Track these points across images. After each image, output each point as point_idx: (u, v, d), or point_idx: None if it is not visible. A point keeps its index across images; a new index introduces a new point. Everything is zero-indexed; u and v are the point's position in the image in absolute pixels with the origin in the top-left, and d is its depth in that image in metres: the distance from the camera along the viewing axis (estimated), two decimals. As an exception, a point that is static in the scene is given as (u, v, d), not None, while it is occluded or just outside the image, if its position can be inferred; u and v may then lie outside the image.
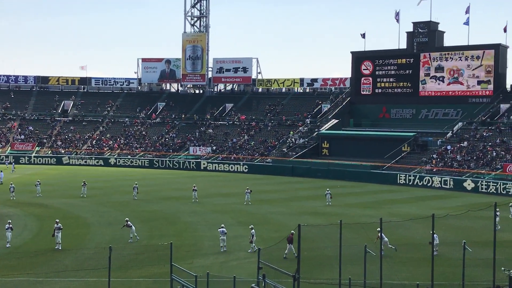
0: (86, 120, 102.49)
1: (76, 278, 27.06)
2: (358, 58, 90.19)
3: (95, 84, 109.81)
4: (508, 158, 66.62)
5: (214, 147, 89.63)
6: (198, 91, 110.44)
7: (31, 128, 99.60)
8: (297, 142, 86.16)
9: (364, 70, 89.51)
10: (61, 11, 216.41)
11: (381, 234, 27.06)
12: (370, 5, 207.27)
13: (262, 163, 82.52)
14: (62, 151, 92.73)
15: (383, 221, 25.28)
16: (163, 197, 55.95)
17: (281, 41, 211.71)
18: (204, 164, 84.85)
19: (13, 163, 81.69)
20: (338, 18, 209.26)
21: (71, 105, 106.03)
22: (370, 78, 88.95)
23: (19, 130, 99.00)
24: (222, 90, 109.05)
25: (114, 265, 24.23)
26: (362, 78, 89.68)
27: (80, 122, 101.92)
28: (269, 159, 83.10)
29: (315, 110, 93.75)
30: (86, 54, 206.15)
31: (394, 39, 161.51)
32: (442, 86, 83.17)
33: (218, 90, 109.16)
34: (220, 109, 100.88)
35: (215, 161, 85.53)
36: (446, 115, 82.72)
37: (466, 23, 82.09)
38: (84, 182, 56.09)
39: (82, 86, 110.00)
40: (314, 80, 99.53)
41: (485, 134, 73.81)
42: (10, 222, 34.97)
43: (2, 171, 66.73)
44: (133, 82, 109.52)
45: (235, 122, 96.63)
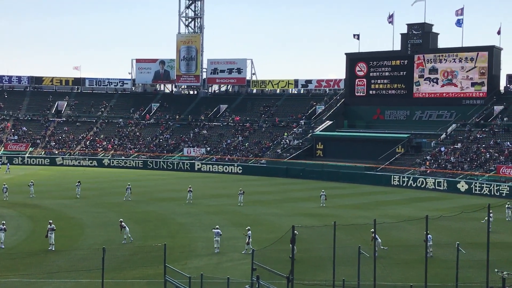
0: (80, 120, 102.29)
1: (69, 279, 26.97)
2: (353, 59, 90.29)
3: (89, 84, 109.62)
4: (501, 159, 66.81)
5: (208, 148, 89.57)
6: (192, 92, 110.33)
7: (25, 128, 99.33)
8: (291, 144, 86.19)
9: (358, 71, 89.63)
10: (55, 12, 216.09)
11: (374, 235, 27.10)
12: (365, 6, 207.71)
13: (256, 164, 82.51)
14: (56, 152, 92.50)
15: (377, 222, 25.32)
16: (157, 198, 55.86)
17: (275, 42, 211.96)
18: (198, 165, 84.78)
19: (7, 164, 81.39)
20: (333, 20, 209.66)
21: (65, 105, 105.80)
22: (364, 80, 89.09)
23: (13, 130, 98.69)
24: (216, 91, 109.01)
25: (107, 266, 24.17)
26: (356, 80, 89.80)
27: (74, 123, 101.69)
28: (263, 160, 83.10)
29: (310, 112, 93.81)
30: (80, 55, 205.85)
31: (389, 41, 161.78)
32: (436, 88, 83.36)
33: (213, 91, 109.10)
34: (214, 110, 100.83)
35: (209, 162, 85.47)
36: (440, 117, 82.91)
37: (458, 25, 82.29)
38: (78, 182, 55.99)
39: (76, 87, 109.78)
40: (309, 81, 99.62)
41: (478, 136, 74.01)
42: (4, 223, 34.83)
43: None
44: (127, 83, 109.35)
45: (230, 123, 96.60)
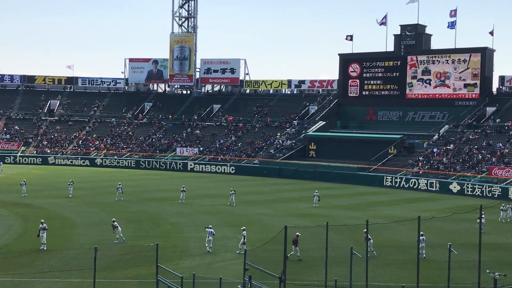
0: (73, 120, 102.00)
1: (61, 279, 26.89)
2: (346, 60, 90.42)
3: (82, 83, 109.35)
4: (493, 161, 67.03)
5: (201, 148, 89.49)
6: (185, 92, 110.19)
7: (17, 127, 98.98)
8: (284, 144, 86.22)
9: (351, 72, 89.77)
10: (48, 10, 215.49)
11: (367, 236, 27.14)
12: (358, 7, 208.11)
13: (249, 165, 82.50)
14: (48, 151, 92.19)
15: (369, 223, 25.35)
16: (149, 198, 55.75)
17: (269, 42, 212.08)
18: (191, 165, 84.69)
19: (0, 163, 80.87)
20: (326, 20, 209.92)
21: (57, 104, 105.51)
22: (358, 80, 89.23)
23: (5, 129, 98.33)
24: (209, 91, 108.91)
25: (99, 265, 24.12)
26: (350, 80, 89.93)
27: (66, 122, 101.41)
28: (256, 161, 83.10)
29: (303, 112, 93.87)
30: (73, 54, 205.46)
31: (382, 42, 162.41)
32: (429, 89, 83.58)
33: (206, 91, 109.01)
34: (207, 110, 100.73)
35: (202, 162, 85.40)
36: (432, 118, 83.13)
37: (451, 27, 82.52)
38: (71, 181, 55.82)
39: (69, 86, 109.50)
40: (302, 81, 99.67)
41: (471, 137, 74.25)
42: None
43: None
44: (120, 82, 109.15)
45: (223, 123, 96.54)
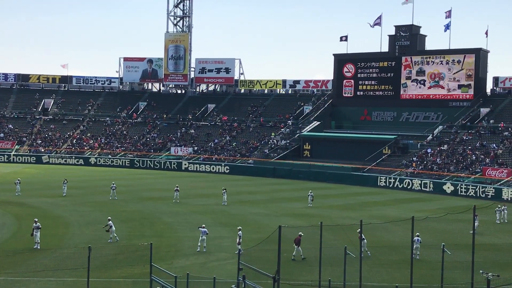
0: (67, 119, 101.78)
1: (54, 278, 26.84)
2: (341, 60, 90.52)
3: (76, 82, 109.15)
4: (487, 161, 67.23)
5: (196, 148, 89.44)
6: (180, 91, 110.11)
7: (11, 126, 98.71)
8: (278, 144, 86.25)
9: (346, 72, 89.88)
10: (42, 9, 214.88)
11: (361, 236, 27.18)
12: (353, 8, 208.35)
13: (244, 164, 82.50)
14: (42, 150, 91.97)
15: (363, 223, 25.39)
16: (144, 197, 55.68)
17: (264, 42, 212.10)
18: (185, 164, 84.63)
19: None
20: (321, 21, 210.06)
21: (52, 103, 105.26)
22: (352, 81, 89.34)
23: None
24: (204, 91, 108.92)
25: (93, 265, 24.07)
26: (344, 81, 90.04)
27: (60, 121, 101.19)
28: (250, 160, 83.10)
29: (297, 112, 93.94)
30: (68, 53, 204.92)
31: (376, 42, 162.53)
32: (423, 90, 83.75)
33: (200, 91, 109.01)
34: (202, 109, 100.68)
35: (197, 161, 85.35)
36: (426, 118, 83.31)
37: (447, 28, 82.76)
38: (65, 180, 55.72)
39: (63, 85, 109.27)
40: (297, 81, 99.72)
41: (465, 138, 74.44)
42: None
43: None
44: (114, 81, 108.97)
45: (217, 123, 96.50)
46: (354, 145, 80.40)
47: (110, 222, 35.37)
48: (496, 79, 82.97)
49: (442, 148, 73.39)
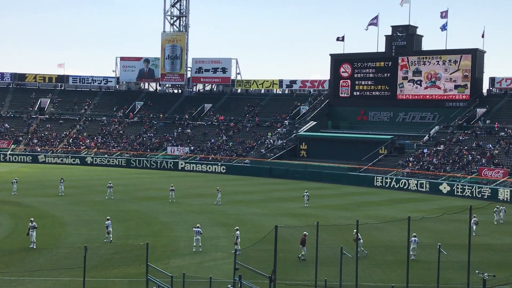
0: (63, 118, 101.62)
1: (50, 278, 26.79)
2: (337, 60, 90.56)
3: (73, 82, 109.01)
4: (483, 162, 67.33)
5: (192, 147, 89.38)
6: (176, 91, 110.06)
7: (7, 125, 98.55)
8: (275, 144, 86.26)
9: (342, 72, 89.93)
10: (39, 8, 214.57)
11: (357, 236, 27.19)
12: (350, 8, 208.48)
13: (240, 164, 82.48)
14: (38, 149, 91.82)
15: (360, 223, 25.40)
16: (140, 197, 55.63)
17: (260, 42, 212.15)
18: (181, 164, 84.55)
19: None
20: (318, 20, 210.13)
21: (48, 102, 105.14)
22: (349, 81, 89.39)
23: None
24: (201, 90, 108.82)
25: (89, 264, 24.02)
26: (341, 81, 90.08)
27: (56, 120, 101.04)
28: (247, 160, 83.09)
29: (294, 112, 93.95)
30: (64, 52, 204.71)
31: (373, 43, 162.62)
32: (420, 90, 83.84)
33: (197, 90, 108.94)
34: (198, 109, 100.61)
35: (193, 161, 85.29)
36: (423, 119, 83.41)
37: (443, 28, 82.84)
38: (61, 179, 55.63)
39: (60, 84, 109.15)
40: (293, 81, 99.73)
41: (461, 138, 74.54)
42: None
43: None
44: (111, 81, 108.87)
45: (214, 123, 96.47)
46: (351, 145, 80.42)
47: (108, 222, 35.08)
48: (492, 80, 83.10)
49: (439, 148, 73.48)
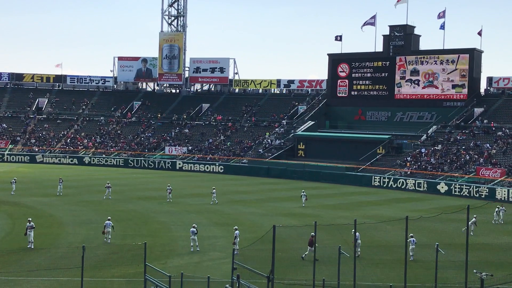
0: (61, 118, 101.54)
1: (48, 278, 26.77)
2: (335, 60, 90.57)
3: (71, 82, 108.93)
4: (481, 161, 67.40)
5: (190, 147, 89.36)
6: (174, 91, 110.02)
7: (5, 125, 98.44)
8: (273, 143, 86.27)
9: (340, 72, 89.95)
10: (37, 8, 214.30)
11: (355, 236, 27.21)
12: (348, 7, 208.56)
13: (238, 164, 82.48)
14: (36, 149, 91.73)
15: (357, 223, 25.42)
16: (138, 196, 55.59)
17: (258, 42, 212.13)
18: (179, 164, 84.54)
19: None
20: (316, 20, 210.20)
21: (46, 102, 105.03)
22: (347, 81, 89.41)
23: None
24: (198, 90, 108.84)
25: (87, 264, 24.01)
26: (339, 80, 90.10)
27: (54, 120, 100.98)
28: (245, 160, 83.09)
29: (292, 112, 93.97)
30: (62, 52, 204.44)
31: (371, 42, 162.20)
32: (417, 90, 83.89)
33: (195, 90, 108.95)
34: (196, 109, 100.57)
35: (191, 161, 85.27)
36: (421, 118, 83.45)
37: (442, 28, 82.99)
38: (60, 179, 55.60)
39: (57, 84, 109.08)
40: (291, 81, 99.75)
41: (459, 138, 74.61)
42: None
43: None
44: (109, 81, 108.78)
45: (212, 123, 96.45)
46: (349, 145, 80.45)
47: (108, 222, 34.88)
48: (490, 79, 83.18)
49: (436, 148, 73.54)
